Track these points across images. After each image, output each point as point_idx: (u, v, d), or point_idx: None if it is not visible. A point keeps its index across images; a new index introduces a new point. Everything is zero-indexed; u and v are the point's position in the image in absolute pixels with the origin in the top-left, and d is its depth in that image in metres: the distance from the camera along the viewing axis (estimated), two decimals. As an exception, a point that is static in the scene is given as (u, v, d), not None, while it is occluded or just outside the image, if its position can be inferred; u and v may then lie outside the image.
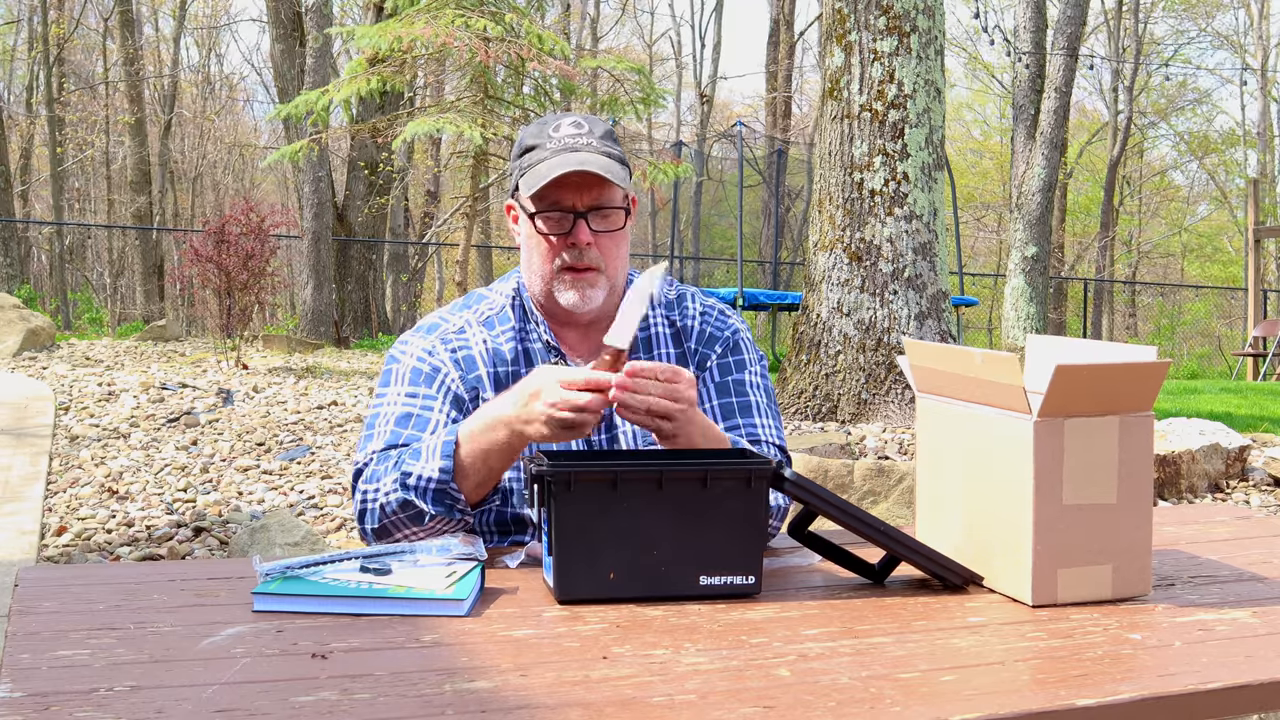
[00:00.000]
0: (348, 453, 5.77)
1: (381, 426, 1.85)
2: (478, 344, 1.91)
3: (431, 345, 1.91)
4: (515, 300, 1.96)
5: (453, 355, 1.89)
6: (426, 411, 1.85)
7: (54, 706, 1.14)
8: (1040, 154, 12.87)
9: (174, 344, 11.28)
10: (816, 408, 6.22)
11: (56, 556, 4.33)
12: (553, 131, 1.89)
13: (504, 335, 1.92)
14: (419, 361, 1.89)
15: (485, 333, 1.92)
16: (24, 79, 27.37)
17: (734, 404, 1.95)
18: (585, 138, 1.87)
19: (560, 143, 1.87)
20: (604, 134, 1.91)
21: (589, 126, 1.90)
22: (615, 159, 1.88)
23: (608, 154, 1.87)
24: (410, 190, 23.92)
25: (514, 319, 1.94)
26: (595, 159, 1.84)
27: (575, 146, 1.86)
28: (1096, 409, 1.54)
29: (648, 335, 1.98)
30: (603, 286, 1.89)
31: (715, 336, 1.98)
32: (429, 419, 1.84)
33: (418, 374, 1.88)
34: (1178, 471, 5.41)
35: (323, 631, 1.39)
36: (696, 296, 2.04)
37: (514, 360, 1.90)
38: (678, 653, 1.33)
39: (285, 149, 10.03)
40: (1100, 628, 1.46)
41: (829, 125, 6.42)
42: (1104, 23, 29.01)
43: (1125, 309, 30.17)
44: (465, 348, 1.90)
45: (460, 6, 8.78)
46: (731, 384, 1.96)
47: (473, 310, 1.96)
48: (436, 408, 1.85)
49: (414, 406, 1.85)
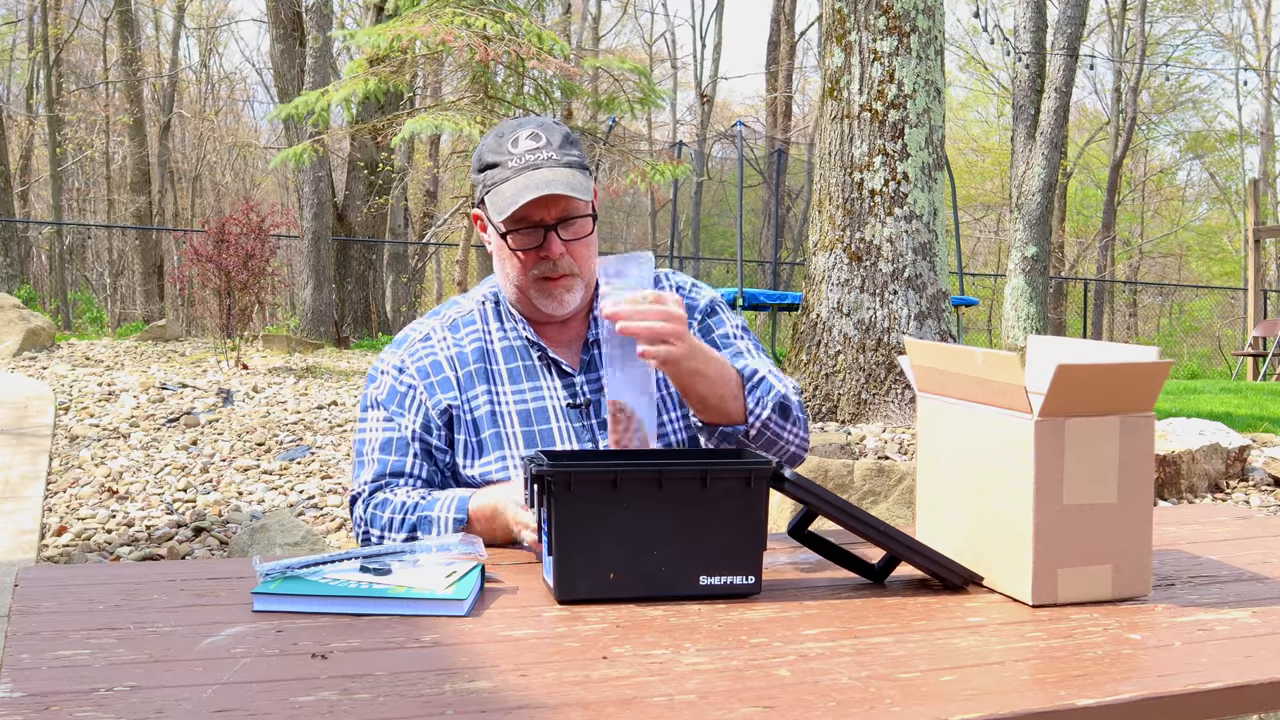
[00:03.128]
0: (347, 453, 5.78)
1: (369, 454, 1.95)
2: (441, 349, 1.97)
3: (400, 361, 1.98)
4: (489, 303, 2.02)
5: (419, 365, 1.96)
6: (402, 433, 1.94)
7: (54, 706, 1.14)
8: (1040, 154, 12.86)
9: (174, 344, 11.28)
10: (816, 408, 6.22)
11: (56, 556, 4.33)
12: (511, 147, 1.92)
13: (468, 338, 1.98)
14: (394, 381, 1.97)
15: (451, 336, 1.99)
16: (24, 79, 27.39)
17: (732, 353, 2.01)
18: (544, 150, 1.91)
19: (521, 160, 1.90)
20: (562, 141, 1.93)
21: (546, 137, 1.92)
22: (576, 166, 1.92)
23: (569, 164, 1.91)
24: (410, 190, 23.92)
25: (480, 321, 2.00)
26: (558, 175, 1.88)
27: (537, 163, 1.89)
28: (1097, 409, 1.54)
29: None
30: (578, 289, 1.95)
31: (691, 307, 2.05)
32: (405, 439, 1.94)
33: (393, 394, 1.96)
34: (1178, 471, 5.41)
35: (323, 631, 1.39)
36: (669, 275, 2.10)
37: (478, 360, 1.96)
38: (678, 653, 1.33)
39: (288, 151, 10.03)
40: (1100, 628, 1.46)
41: (829, 125, 6.42)
42: (1105, 22, 29.02)
43: (1126, 309, 30.17)
44: (431, 354, 1.97)
45: (460, 5, 8.78)
46: (717, 339, 2.03)
47: (440, 316, 2.03)
48: (408, 426, 1.94)
49: (393, 431, 1.94)
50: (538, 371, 1.95)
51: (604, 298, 1.77)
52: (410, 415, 1.93)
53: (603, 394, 1.92)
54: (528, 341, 1.97)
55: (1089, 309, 22.49)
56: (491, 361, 1.96)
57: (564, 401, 1.94)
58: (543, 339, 1.98)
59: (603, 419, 1.94)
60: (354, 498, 1.95)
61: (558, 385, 1.95)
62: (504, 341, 1.98)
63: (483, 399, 1.93)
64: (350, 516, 1.98)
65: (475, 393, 1.94)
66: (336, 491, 5.14)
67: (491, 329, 1.99)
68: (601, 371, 1.91)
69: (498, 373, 1.95)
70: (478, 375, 1.95)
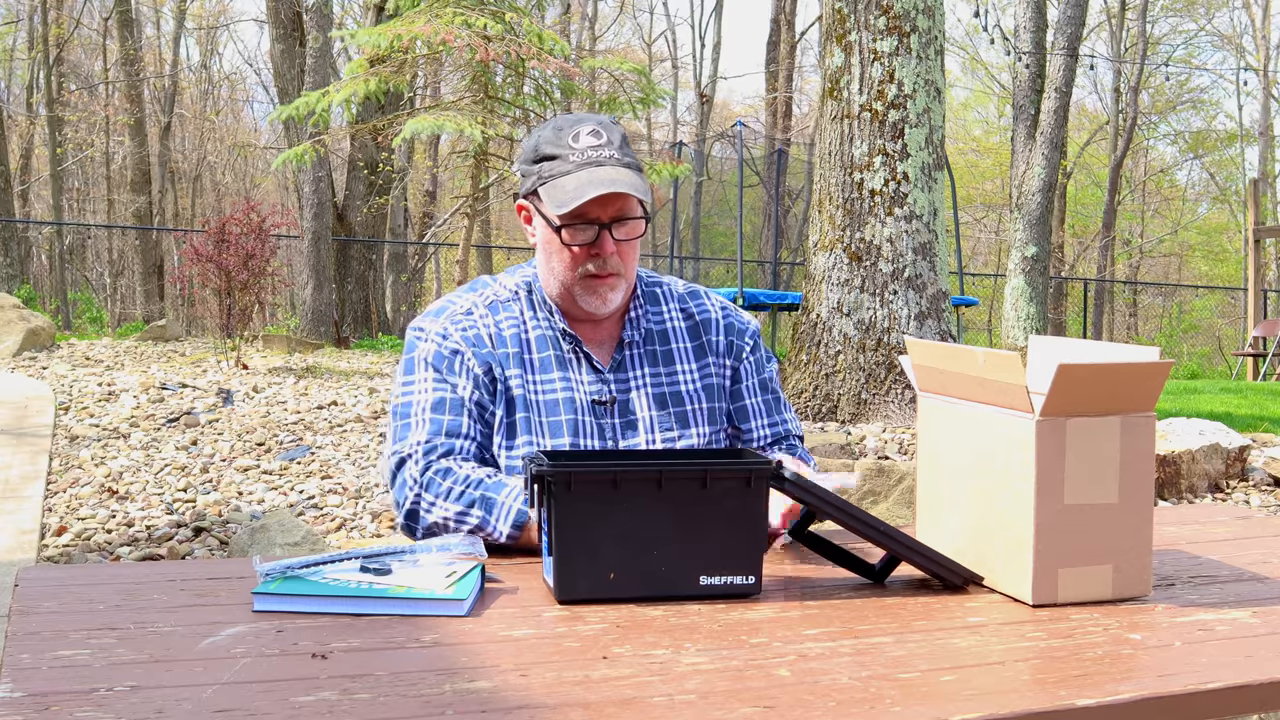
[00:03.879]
0: (347, 453, 5.77)
1: (419, 415, 1.90)
2: (484, 326, 1.96)
3: (444, 328, 1.96)
4: (523, 292, 2.01)
5: (464, 335, 1.95)
6: (456, 394, 1.91)
7: (54, 706, 1.14)
8: (1040, 154, 12.86)
9: (174, 344, 11.27)
10: (816, 407, 6.22)
11: (56, 556, 4.33)
12: (572, 141, 1.92)
13: (507, 321, 1.97)
14: (439, 345, 1.94)
15: (491, 316, 1.98)
16: (24, 79, 27.38)
17: (771, 401, 2.08)
18: (606, 149, 1.91)
19: (583, 155, 1.90)
20: (621, 142, 1.95)
21: (608, 136, 1.93)
22: (634, 168, 1.93)
23: (628, 165, 1.92)
24: (410, 190, 23.93)
25: (517, 310, 1.99)
26: (621, 175, 1.89)
27: (599, 160, 1.90)
28: (1098, 409, 1.54)
29: (664, 328, 2.04)
30: (621, 289, 1.96)
31: (742, 330, 2.08)
32: (461, 400, 1.90)
33: (440, 358, 1.93)
34: (1178, 471, 5.41)
35: (323, 631, 1.39)
36: (710, 294, 2.12)
37: (515, 345, 1.95)
38: (678, 653, 1.33)
39: (289, 152, 10.04)
40: (1100, 628, 1.46)
41: (829, 125, 6.42)
42: (1105, 22, 29.02)
43: (1126, 309, 30.17)
44: (473, 327, 1.96)
45: (461, 5, 8.78)
46: (768, 381, 2.08)
47: (479, 294, 2.02)
48: (463, 388, 1.91)
49: (445, 391, 1.91)
50: (569, 363, 1.96)
51: None
52: (463, 379, 1.91)
53: (629, 394, 1.95)
54: (562, 332, 1.97)
55: (1089, 309, 22.48)
56: (526, 349, 1.96)
57: (590, 397, 1.94)
58: (577, 333, 1.99)
59: (625, 420, 1.95)
60: (402, 459, 1.86)
61: (586, 380, 1.95)
62: (538, 331, 1.98)
63: (516, 382, 1.93)
64: (391, 481, 1.89)
65: (511, 374, 1.93)
66: (336, 491, 5.14)
67: (526, 316, 1.99)
68: None
69: (531, 361, 1.95)
70: (514, 359, 1.94)
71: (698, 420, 1.99)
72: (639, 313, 2.02)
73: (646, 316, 2.03)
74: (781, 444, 2.07)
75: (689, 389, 2.01)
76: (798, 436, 2.11)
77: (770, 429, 2.06)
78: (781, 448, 2.06)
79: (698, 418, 1.99)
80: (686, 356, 2.02)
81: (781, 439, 2.07)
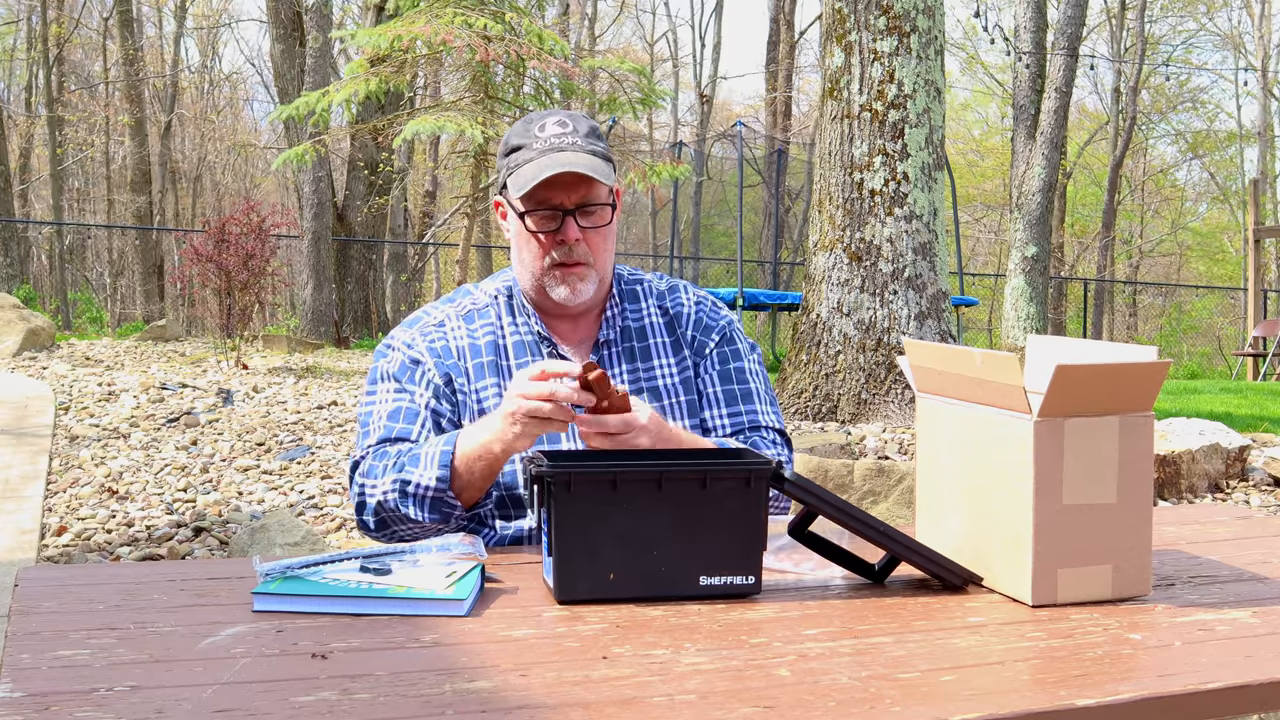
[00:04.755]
0: (347, 453, 5.77)
1: (375, 422, 1.94)
2: (454, 338, 1.98)
3: (411, 338, 1.99)
4: (502, 297, 2.03)
5: (430, 347, 1.97)
6: (413, 403, 1.93)
7: (54, 706, 1.14)
8: (1040, 154, 12.87)
9: (174, 344, 11.27)
10: (816, 407, 6.22)
11: (56, 556, 4.33)
12: (538, 131, 1.94)
13: (483, 330, 1.99)
14: (404, 355, 1.97)
15: (465, 326, 1.99)
16: (24, 79, 27.37)
17: (736, 391, 2.03)
18: (570, 136, 1.93)
19: (546, 143, 1.92)
20: (588, 132, 1.96)
21: (573, 125, 1.95)
22: (600, 156, 1.94)
23: (593, 152, 1.93)
24: (410, 190, 23.92)
25: (494, 315, 2.01)
26: (581, 159, 1.89)
27: (561, 146, 1.92)
28: (1097, 409, 1.54)
29: (641, 325, 2.04)
30: (592, 280, 1.96)
31: (710, 325, 2.07)
32: (416, 410, 1.93)
33: (403, 369, 1.96)
34: (1178, 471, 5.41)
35: (323, 631, 1.39)
36: (689, 288, 2.12)
37: (491, 353, 1.97)
38: (678, 653, 1.33)
39: (289, 152, 10.03)
40: (1100, 628, 1.46)
41: (829, 125, 6.42)
42: (1105, 22, 29.02)
43: (1126, 309, 30.16)
44: (442, 339, 1.98)
45: (461, 5, 8.78)
46: (733, 371, 2.04)
47: (454, 304, 2.04)
48: (420, 396, 1.94)
49: (404, 400, 1.94)
50: None
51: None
52: (421, 388, 1.94)
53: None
54: (539, 336, 1.98)
55: (1089, 309, 22.48)
56: (503, 356, 1.97)
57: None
58: (554, 335, 1.99)
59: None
60: (355, 463, 1.92)
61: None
62: (515, 336, 1.99)
63: (492, 391, 1.94)
64: (349, 486, 1.95)
65: (485, 384, 1.94)
66: (336, 491, 5.14)
67: (504, 323, 2.00)
68: None
69: (509, 367, 1.96)
70: (489, 368, 1.95)
71: (677, 414, 1.99)
72: (614, 311, 2.03)
73: (624, 314, 2.04)
74: (744, 435, 2.00)
75: (667, 383, 2.01)
76: (773, 430, 2.04)
77: (731, 419, 2.01)
78: (743, 439, 1.99)
79: (677, 411, 2.00)
80: (664, 351, 2.03)
81: (744, 430, 2.00)
